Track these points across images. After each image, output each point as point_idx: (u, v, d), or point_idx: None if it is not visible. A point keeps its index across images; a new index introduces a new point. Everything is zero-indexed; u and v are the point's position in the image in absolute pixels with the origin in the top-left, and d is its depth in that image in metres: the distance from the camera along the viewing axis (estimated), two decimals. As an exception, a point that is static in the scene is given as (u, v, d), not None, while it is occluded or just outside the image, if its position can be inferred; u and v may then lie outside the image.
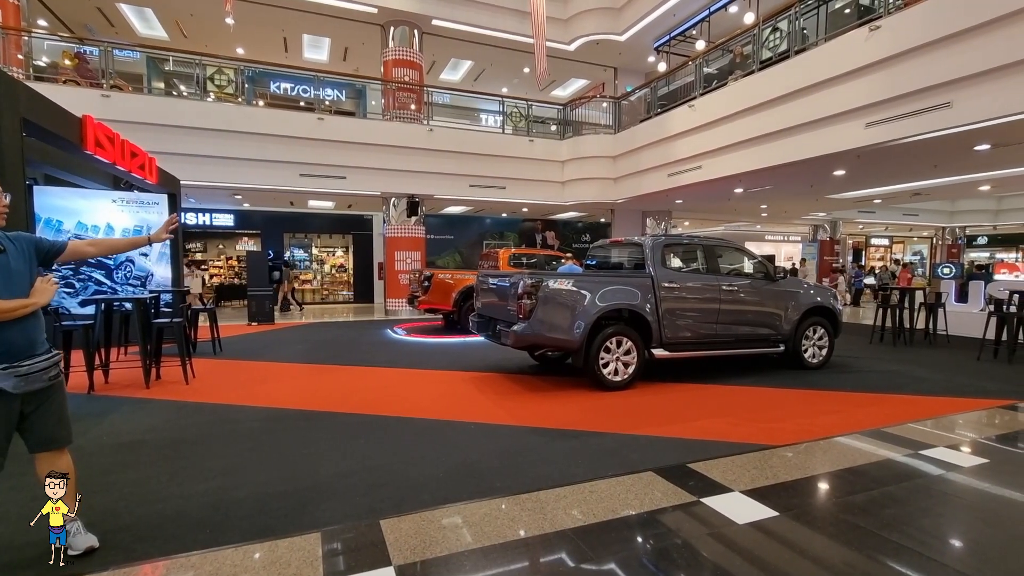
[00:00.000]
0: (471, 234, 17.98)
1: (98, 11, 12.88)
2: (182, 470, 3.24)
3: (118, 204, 7.64)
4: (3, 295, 2.04)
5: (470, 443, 3.75)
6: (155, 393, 5.20)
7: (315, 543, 2.35)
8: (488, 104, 16.13)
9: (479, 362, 6.83)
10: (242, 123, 11.26)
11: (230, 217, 16.32)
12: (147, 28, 13.79)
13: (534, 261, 10.72)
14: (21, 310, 2.07)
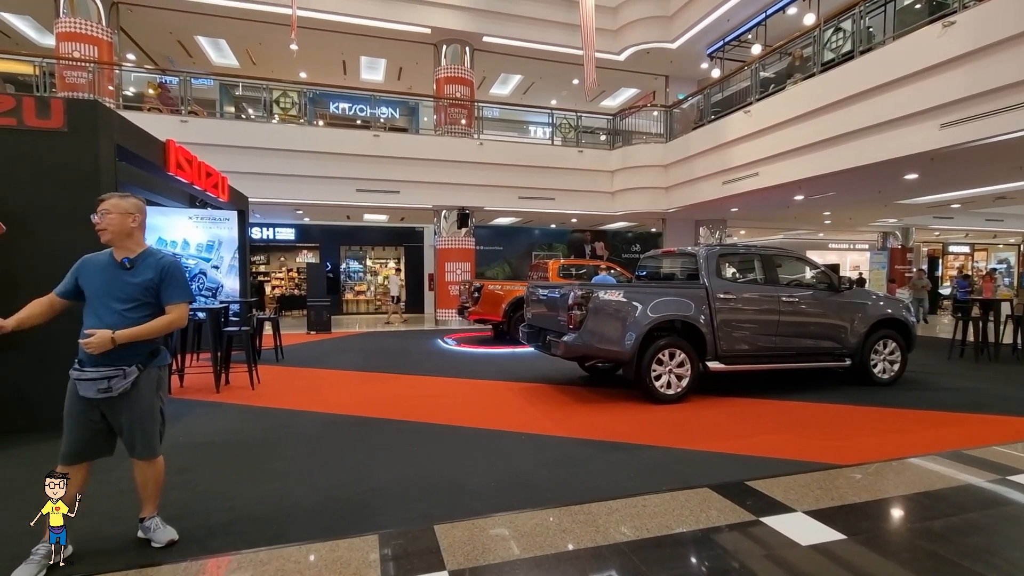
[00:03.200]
0: (520, 245, 18.10)
1: (178, 43, 14.03)
2: (249, 470, 3.44)
3: (193, 221, 8.23)
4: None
5: (520, 453, 3.77)
6: (225, 397, 5.53)
7: (373, 545, 2.43)
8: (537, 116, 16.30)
9: (528, 373, 6.85)
10: (304, 142, 11.91)
11: (291, 231, 17.20)
12: (220, 57, 14.88)
13: (583, 272, 10.66)
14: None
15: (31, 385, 3.96)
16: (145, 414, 2.34)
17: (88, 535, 2.42)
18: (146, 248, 2.42)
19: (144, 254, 2.38)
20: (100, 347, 2.17)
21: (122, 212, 2.32)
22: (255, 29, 12.93)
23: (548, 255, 17.69)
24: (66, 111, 4.21)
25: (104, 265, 2.32)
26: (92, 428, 2.28)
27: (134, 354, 2.29)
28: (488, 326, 10.73)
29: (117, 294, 2.28)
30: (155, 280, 2.33)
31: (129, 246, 2.36)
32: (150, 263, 2.36)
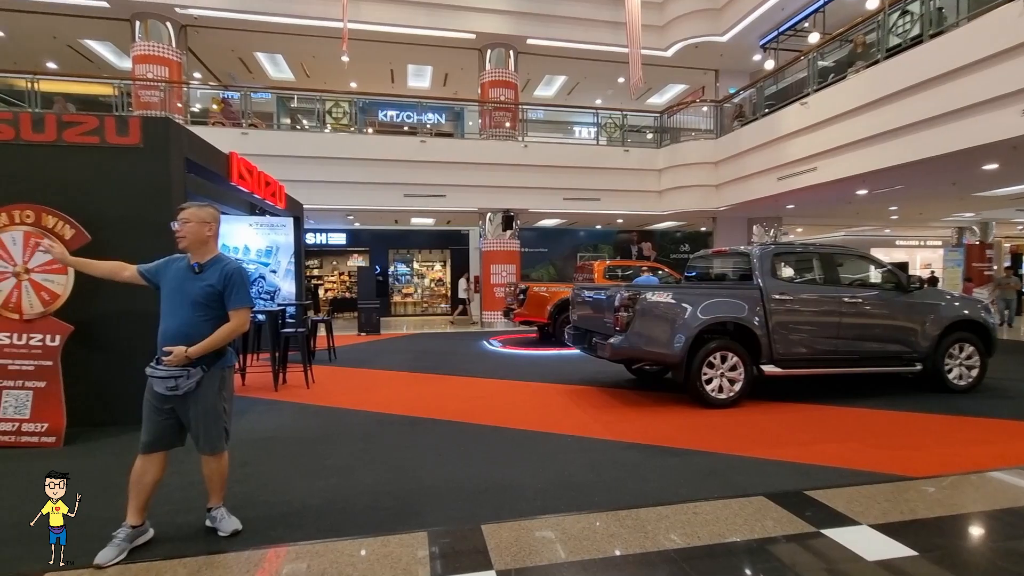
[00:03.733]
0: (565, 247, 18.01)
1: (239, 60, 14.85)
2: (305, 466, 3.59)
3: (254, 227, 8.68)
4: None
5: (566, 455, 3.75)
6: (282, 395, 5.79)
7: (422, 542, 2.48)
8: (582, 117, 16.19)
9: (574, 375, 6.80)
10: (354, 150, 12.33)
11: (343, 236, 17.83)
12: (277, 71, 15.64)
13: (630, 273, 10.48)
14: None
15: (111, 382, 4.28)
16: (208, 412, 2.48)
17: (164, 522, 2.60)
18: (217, 254, 2.58)
19: (213, 260, 2.54)
20: (178, 363, 2.36)
21: (200, 221, 2.50)
22: (309, 43, 13.52)
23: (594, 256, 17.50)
24: (142, 128, 4.54)
25: (181, 268, 2.51)
26: (164, 421, 2.45)
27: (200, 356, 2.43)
28: (533, 328, 10.74)
29: (187, 296, 2.44)
30: (219, 285, 2.48)
31: (203, 252, 2.52)
32: (216, 269, 2.51)
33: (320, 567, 2.28)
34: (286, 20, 12.35)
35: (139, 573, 2.24)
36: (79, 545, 2.41)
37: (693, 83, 16.54)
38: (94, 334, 4.29)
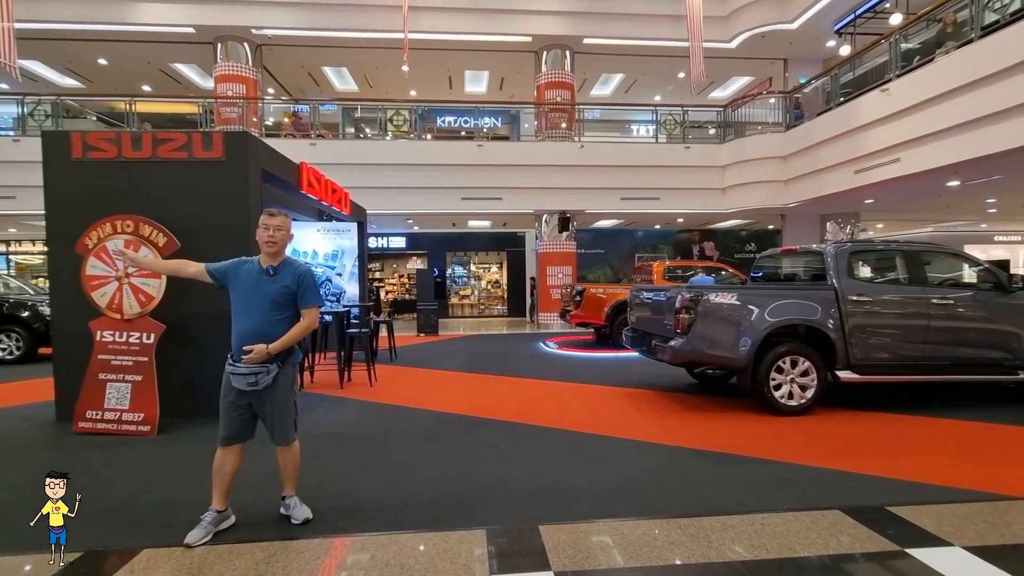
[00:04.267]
0: (622, 247, 17.71)
1: (308, 75, 15.71)
2: (370, 460, 3.74)
3: (321, 233, 9.14)
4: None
5: (625, 459, 3.68)
6: (347, 393, 6.06)
7: (481, 539, 2.52)
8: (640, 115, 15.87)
9: (632, 378, 6.67)
10: (414, 156, 12.72)
11: (403, 240, 18.42)
12: (343, 84, 16.40)
13: (691, 274, 10.14)
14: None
15: (197, 376, 4.64)
16: (283, 405, 2.65)
17: (242, 508, 2.79)
18: (286, 257, 2.74)
19: (284, 262, 2.71)
20: (258, 359, 2.52)
21: (287, 229, 2.72)
22: (372, 55, 14.09)
23: (652, 257, 17.08)
24: (224, 143, 4.91)
25: (253, 271, 2.67)
26: (241, 416, 2.63)
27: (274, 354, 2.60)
28: (590, 330, 10.62)
29: (263, 297, 2.61)
30: (293, 286, 2.65)
31: (277, 256, 2.70)
32: (289, 271, 2.68)
33: (384, 558, 2.36)
34: (351, 34, 12.94)
35: (223, 554, 2.41)
36: (171, 525, 2.64)
37: (759, 74, 15.80)
38: (183, 333, 4.68)
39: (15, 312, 8.40)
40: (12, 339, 8.39)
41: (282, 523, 2.70)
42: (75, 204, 4.75)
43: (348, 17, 12.70)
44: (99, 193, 4.74)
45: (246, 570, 2.27)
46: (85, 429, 4.40)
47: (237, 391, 2.58)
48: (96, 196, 4.72)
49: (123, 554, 2.41)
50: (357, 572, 2.27)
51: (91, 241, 4.56)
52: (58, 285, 4.86)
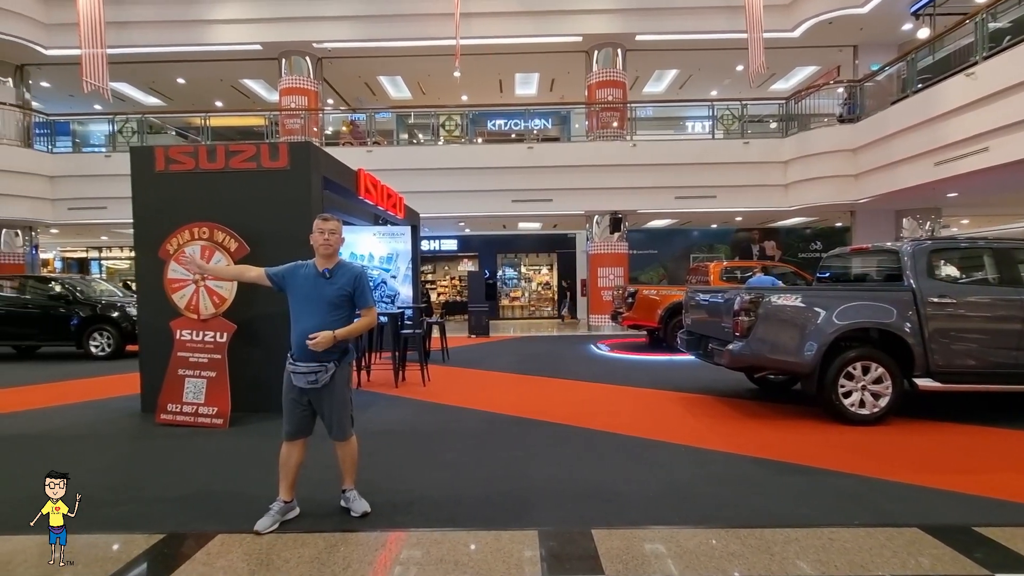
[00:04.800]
0: (676, 248, 17.24)
1: (365, 85, 16.30)
2: (424, 458, 3.83)
3: (377, 236, 9.46)
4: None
5: (680, 465, 3.58)
6: (402, 392, 6.23)
7: (532, 540, 2.52)
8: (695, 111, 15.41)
9: (688, 382, 6.47)
10: (465, 160, 12.93)
11: (454, 242, 18.74)
12: (397, 92, 16.91)
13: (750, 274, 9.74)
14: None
15: (266, 374, 4.89)
16: (340, 402, 2.77)
17: (306, 500, 2.92)
18: (340, 260, 2.86)
19: (339, 265, 2.82)
20: (325, 344, 2.62)
21: (340, 233, 2.83)
22: (425, 63, 14.44)
23: (709, 257, 16.53)
24: (289, 153, 5.19)
25: (310, 275, 2.80)
26: (302, 412, 2.76)
27: (331, 352, 2.70)
28: (643, 332, 10.40)
29: (322, 299, 2.73)
30: (349, 288, 2.76)
31: (331, 259, 2.81)
32: (345, 273, 2.79)
33: (438, 554, 2.42)
34: (405, 43, 13.32)
35: (288, 542, 2.55)
36: (242, 512, 2.80)
37: (826, 63, 14.94)
38: (252, 332, 4.97)
39: (106, 313, 9.21)
40: (104, 337, 9.20)
41: (342, 515, 2.82)
42: (158, 213, 5.16)
43: (402, 27, 13.08)
44: (179, 202, 5.12)
45: (310, 558, 2.39)
46: (166, 421, 4.76)
47: (298, 389, 2.71)
48: (176, 205, 5.10)
49: (200, 538, 2.59)
50: (413, 566, 2.33)
51: (172, 247, 4.94)
52: (144, 288, 5.30)
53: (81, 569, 2.34)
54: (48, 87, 15.29)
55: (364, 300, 2.78)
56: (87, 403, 5.78)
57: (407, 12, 12.99)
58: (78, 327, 9.17)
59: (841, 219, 14.84)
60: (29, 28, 12.77)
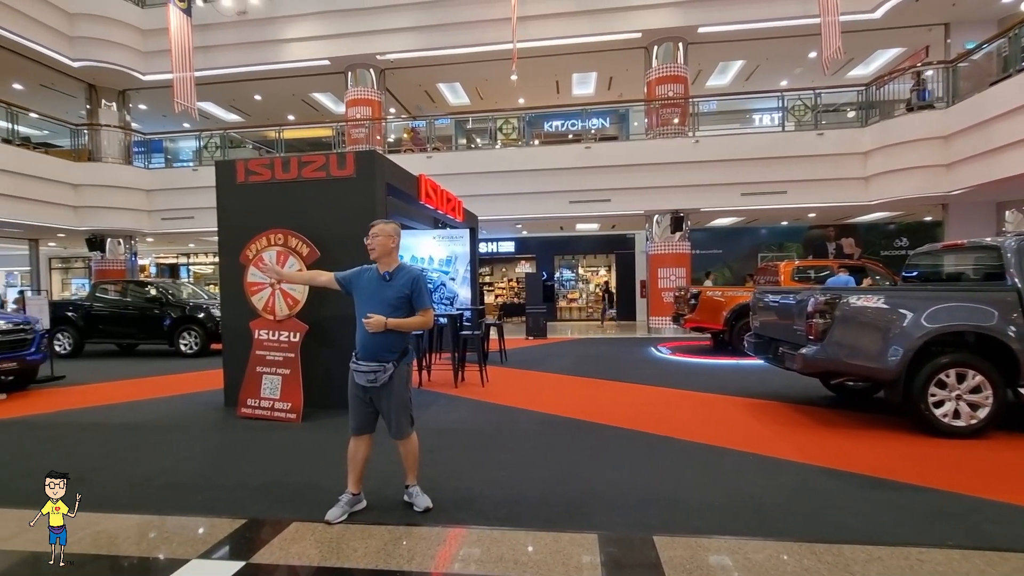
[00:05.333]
0: (743, 247, 16.49)
1: (425, 93, 16.78)
2: (483, 457, 3.88)
3: (436, 240, 9.70)
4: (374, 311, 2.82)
5: (748, 474, 3.42)
6: (461, 392, 6.34)
7: (592, 543, 2.50)
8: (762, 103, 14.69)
9: (756, 387, 6.17)
10: (522, 162, 13.00)
11: (511, 244, 18.87)
12: (455, 98, 17.28)
13: (826, 274, 9.16)
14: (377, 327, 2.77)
15: (334, 372, 5.15)
16: (398, 402, 2.85)
17: (372, 493, 3.05)
18: (400, 263, 2.97)
19: (398, 268, 2.93)
20: (376, 327, 2.73)
21: (386, 235, 2.90)
22: (482, 68, 14.67)
23: (779, 256, 15.68)
24: (355, 161, 5.44)
25: (373, 277, 2.93)
26: (365, 409, 2.89)
27: (391, 353, 2.81)
28: (706, 335, 10.02)
29: (381, 301, 2.84)
30: (408, 290, 2.85)
31: (389, 262, 2.92)
32: (403, 275, 2.89)
33: (498, 552, 2.44)
34: (464, 50, 13.58)
35: (356, 532, 2.67)
36: (314, 502, 2.96)
37: (911, 44, 13.77)
38: (322, 332, 5.24)
39: (194, 314, 10.02)
40: (192, 336, 10.02)
41: (406, 510, 2.91)
42: (239, 221, 5.55)
43: (461, 34, 13.36)
44: (257, 211, 5.49)
45: (377, 549, 2.49)
46: (246, 414, 5.12)
47: (361, 387, 2.83)
48: (255, 213, 5.48)
49: (276, 524, 2.76)
50: (473, 563, 2.37)
51: (251, 252, 5.30)
52: (227, 291, 5.72)
53: (176, 547, 2.56)
54: (145, 109, 16.85)
55: (421, 302, 2.87)
56: (178, 396, 6.32)
57: (465, 20, 13.25)
58: (170, 327, 10.04)
59: (931, 212, 13.63)
60: (131, 57, 14.15)
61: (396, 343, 2.84)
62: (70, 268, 20.58)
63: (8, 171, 11.75)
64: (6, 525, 2.83)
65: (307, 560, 2.42)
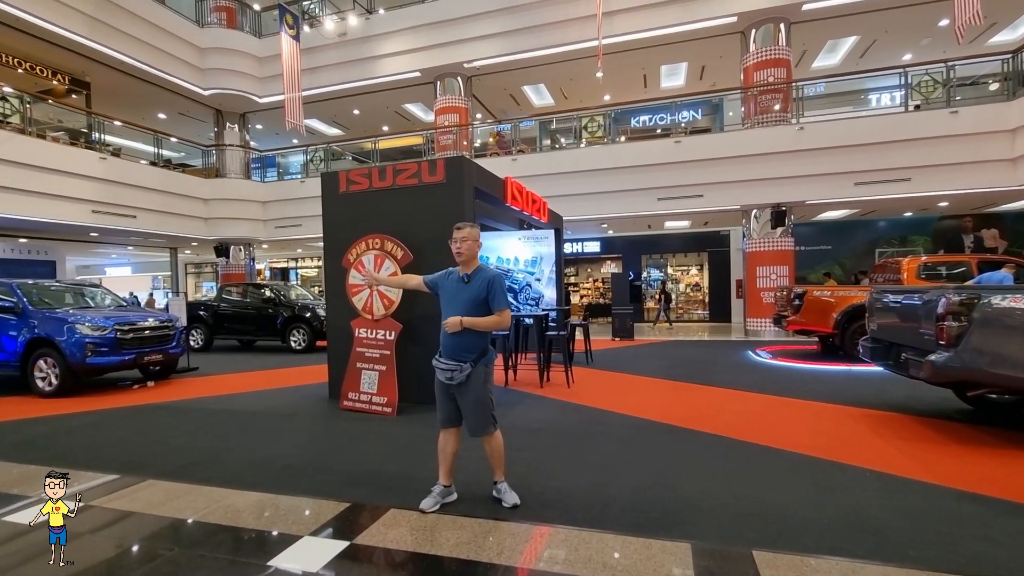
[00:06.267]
0: (856, 242, 14.98)
1: (510, 96, 17.03)
2: (570, 457, 3.86)
3: (522, 241, 9.80)
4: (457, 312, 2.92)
5: (864, 492, 3.09)
6: (546, 392, 6.35)
7: (686, 553, 2.40)
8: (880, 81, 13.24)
9: (873, 397, 5.57)
10: (607, 160, 12.76)
11: (596, 244, 18.58)
12: (540, 99, 17.37)
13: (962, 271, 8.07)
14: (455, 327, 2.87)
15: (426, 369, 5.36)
16: (477, 400, 2.92)
17: (462, 487, 3.15)
18: (479, 265, 3.05)
19: (477, 270, 3.01)
20: (453, 327, 2.86)
21: (473, 239, 3.01)
22: (566, 68, 14.62)
23: (901, 251, 14.05)
24: (445, 167, 5.66)
25: (455, 279, 3.04)
26: (449, 403, 2.99)
27: (468, 353, 2.90)
28: (812, 338, 9.21)
29: (462, 302, 2.94)
30: (484, 291, 2.93)
31: (470, 264, 3.01)
32: (481, 277, 2.97)
33: (587, 553, 2.42)
34: (548, 51, 13.61)
35: (447, 523, 2.77)
36: (408, 491, 3.12)
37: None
38: (414, 331, 5.50)
39: (302, 313, 10.97)
40: (300, 333, 10.97)
41: (494, 505, 2.98)
42: (341, 227, 6.00)
43: (546, 36, 13.40)
44: (357, 218, 5.89)
45: (468, 539, 2.57)
46: (348, 407, 5.51)
47: (442, 383, 2.95)
48: (355, 220, 5.88)
49: (375, 510, 2.94)
50: (560, 562, 2.37)
51: (352, 256, 5.70)
52: (331, 292, 6.19)
53: (291, 524, 2.82)
54: (260, 128, 18.72)
55: (497, 302, 2.93)
56: (289, 388, 6.95)
57: (549, 20, 13.28)
58: (282, 325, 11.07)
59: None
60: (250, 83, 15.81)
61: (474, 343, 2.92)
62: (201, 272, 23.42)
63: (156, 189, 13.64)
64: (156, 494, 3.29)
65: (403, 545, 2.55)
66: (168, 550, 2.57)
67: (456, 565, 2.36)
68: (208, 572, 2.35)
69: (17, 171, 10.47)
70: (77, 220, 11.80)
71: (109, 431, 4.92)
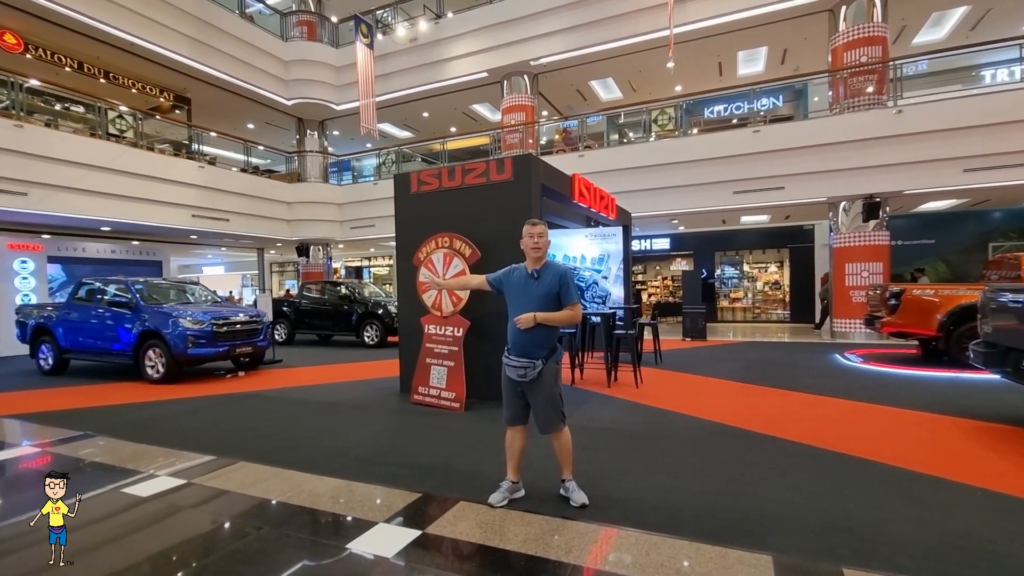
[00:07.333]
0: (964, 235, 13.49)
1: (577, 92, 16.84)
2: (638, 459, 3.76)
3: (589, 238, 9.67)
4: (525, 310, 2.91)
5: (976, 512, 2.77)
6: (614, 392, 6.23)
7: (766, 566, 2.26)
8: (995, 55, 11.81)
9: (986, 408, 4.98)
10: (678, 154, 12.28)
11: (666, 241, 17.97)
12: (607, 93, 17.04)
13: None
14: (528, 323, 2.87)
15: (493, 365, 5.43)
16: (548, 397, 2.91)
17: (529, 484, 3.16)
18: (547, 261, 3.04)
19: (546, 266, 3.00)
20: (526, 323, 2.86)
21: (547, 237, 3.03)
22: (635, 61, 14.23)
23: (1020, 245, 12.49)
24: (513, 166, 5.69)
25: (521, 276, 3.04)
26: (517, 401, 3.00)
27: (540, 349, 2.89)
28: (911, 341, 8.40)
29: (531, 298, 2.93)
30: (556, 286, 2.92)
31: (540, 261, 3.01)
32: (551, 273, 2.96)
33: (658, 558, 2.34)
34: (616, 44, 13.29)
35: (515, 518, 2.79)
36: (476, 485, 3.17)
37: None
38: (482, 328, 5.58)
39: (375, 310, 11.47)
40: (373, 329, 11.47)
41: (562, 503, 2.96)
42: (412, 227, 6.19)
43: (613, 28, 13.12)
44: (427, 217, 6.06)
45: (535, 536, 2.57)
46: (417, 401, 5.68)
47: (512, 380, 2.95)
48: (425, 220, 6.05)
49: (445, 502, 3.01)
50: (629, 565, 2.31)
51: (422, 255, 5.87)
52: (402, 290, 6.42)
53: (367, 511, 2.95)
54: (337, 134, 19.75)
55: (568, 297, 2.91)
56: (363, 381, 7.28)
57: (617, 12, 12.97)
58: (357, 321, 11.63)
59: None
60: (329, 92, 16.72)
61: (545, 340, 2.91)
62: (284, 271, 25.12)
63: (246, 195, 14.77)
64: (247, 475, 3.55)
65: (471, 537, 2.59)
66: (256, 528, 2.77)
67: (524, 561, 2.37)
68: (293, 551, 2.51)
69: (131, 181, 11.71)
70: (180, 224, 13.02)
71: (206, 416, 5.39)
